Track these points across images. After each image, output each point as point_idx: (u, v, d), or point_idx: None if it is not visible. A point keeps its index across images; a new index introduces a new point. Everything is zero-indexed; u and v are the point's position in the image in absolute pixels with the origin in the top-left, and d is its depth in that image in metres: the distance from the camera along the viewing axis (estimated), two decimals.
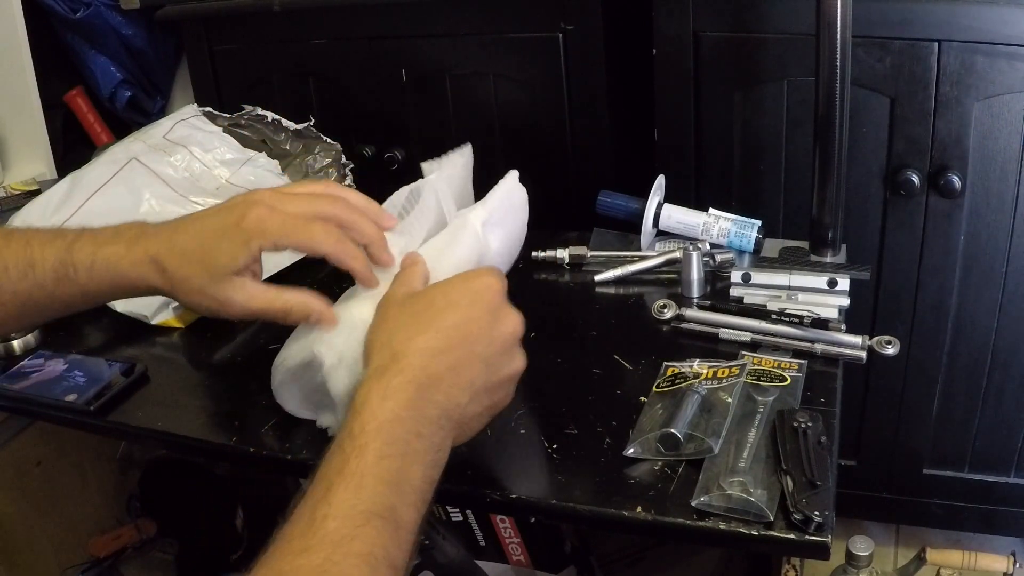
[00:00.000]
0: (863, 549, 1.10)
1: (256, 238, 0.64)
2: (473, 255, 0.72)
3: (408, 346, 0.56)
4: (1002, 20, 1.04)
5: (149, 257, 0.67)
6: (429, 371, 0.55)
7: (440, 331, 0.57)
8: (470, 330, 0.58)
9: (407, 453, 0.52)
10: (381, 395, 0.54)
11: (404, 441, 0.53)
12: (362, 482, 0.50)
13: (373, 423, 0.52)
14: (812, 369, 0.79)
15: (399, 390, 0.54)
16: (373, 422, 0.52)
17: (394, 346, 0.56)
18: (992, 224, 1.16)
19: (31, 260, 0.67)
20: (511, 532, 1.17)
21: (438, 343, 0.57)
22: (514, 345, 0.61)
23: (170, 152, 1.15)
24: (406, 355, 0.56)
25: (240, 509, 1.40)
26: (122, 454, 1.36)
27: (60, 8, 1.54)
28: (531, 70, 1.30)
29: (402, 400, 0.54)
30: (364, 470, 0.50)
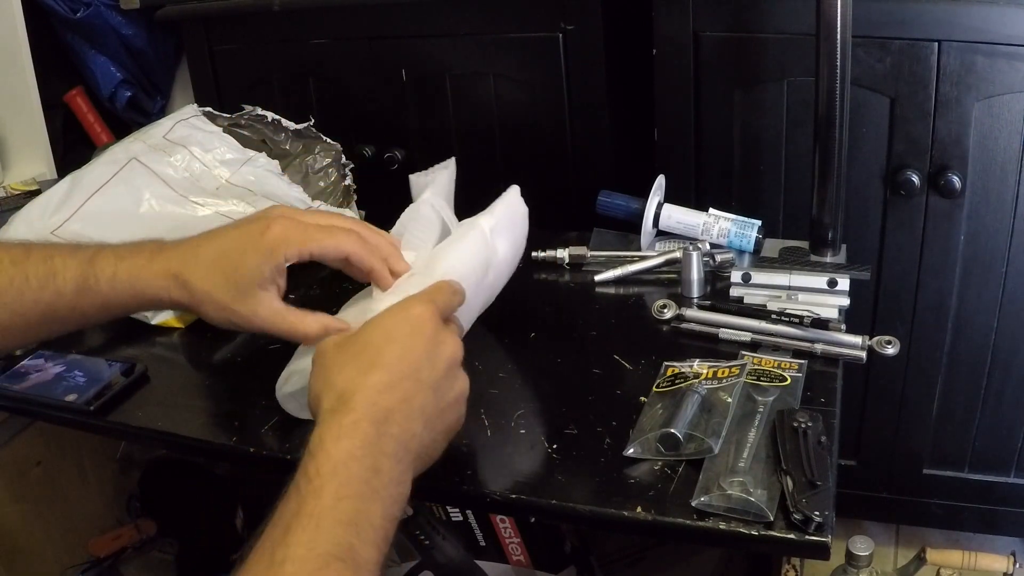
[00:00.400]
0: (863, 549, 1.10)
1: (280, 247, 0.65)
2: (481, 258, 0.72)
3: (355, 384, 0.56)
4: (1002, 20, 1.04)
5: (171, 271, 0.67)
6: (380, 406, 0.55)
7: (385, 366, 0.57)
8: (413, 359, 0.58)
9: (365, 492, 0.52)
10: (335, 435, 0.53)
11: (362, 480, 0.52)
12: (320, 524, 0.49)
13: (328, 464, 0.52)
14: (812, 369, 0.79)
15: (352, 428, 0.54)
16: (328, 463, 0.52)
17: (340, 387, 0.56)
18: (992, 224, 1.16)
19: (53, 270, 0.67)
20: (511, 532, 1.17)
21: (385, 377, 0.56)
22: (456, 366, 0.62)
23: (170, 152, 1.15)
24: (355, 393, 0.55)
25: (240, 509, 1.40)
26: (122, 454, 1.36)
27: (60, 8, 1.53)
28: (531, 70, 1.30)
29: (357, 438, 0.53)
30: (321, 512, 0.50)
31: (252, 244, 0.66)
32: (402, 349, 0.58)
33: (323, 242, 0.66)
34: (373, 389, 0.56)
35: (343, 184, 1.28)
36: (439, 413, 0.60)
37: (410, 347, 0.58)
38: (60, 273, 0.67)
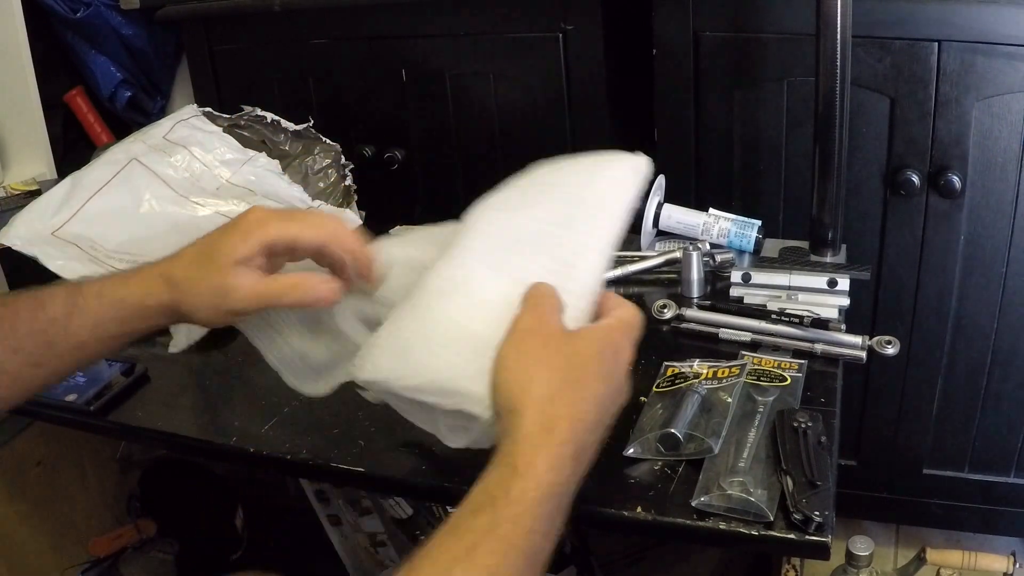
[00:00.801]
0: (863, 549, 1.10)
1: (255, 231, 0.65)
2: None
3: (568, 411, 0.54)
4: (1002, 20, 1.04)
5: (155, 273, 0.67)
6: (583, 445, 0.54)
7: (595, 403, 0.56)
8: (608, 403, 0.57)
9: (550, 530, 0.51)
10: (548, 464, 0.51)
11: (551, 517, 0.51)
12: (508, 553, 0.48)
13: (534, 493, 0.50)
14: (812, 369, 0.79)
15: (564, 464, 0.52)
16: (534, 491, 0.50)
17: (556, 407, 0.54)
18: (992, 224, 1.16)
19: (41, 302, 0.67)
20: None
21: (593, 416, 0.55)
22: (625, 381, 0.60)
23: (170, 152, 1.15)
24: (567, 422, 0.54)
25: (240, 509, 1.40)
26: (122, 454, 1.36)
27: (60, 8, 1.53)
28: (531, 70, 1.30)
29: (564, 475, 0.52)
30: (514, 541, 0.49)
31: (229, 229, 0.66)
32: (606, 392, 0.57)
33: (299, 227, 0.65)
34: (581, 426, 0.54)
35: (343, 184, 1.28)
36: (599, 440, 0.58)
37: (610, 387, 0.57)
38: (48, 302, 0.67)
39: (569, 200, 0.66)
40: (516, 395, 0.55)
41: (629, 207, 0.66)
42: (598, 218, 0.65)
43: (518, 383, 0.55)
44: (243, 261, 0.64)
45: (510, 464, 0.51)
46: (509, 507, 0.49)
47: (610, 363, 0.58)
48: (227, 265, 0.64)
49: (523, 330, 0.58)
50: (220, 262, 0.64)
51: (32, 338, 0.66)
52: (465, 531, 0.49)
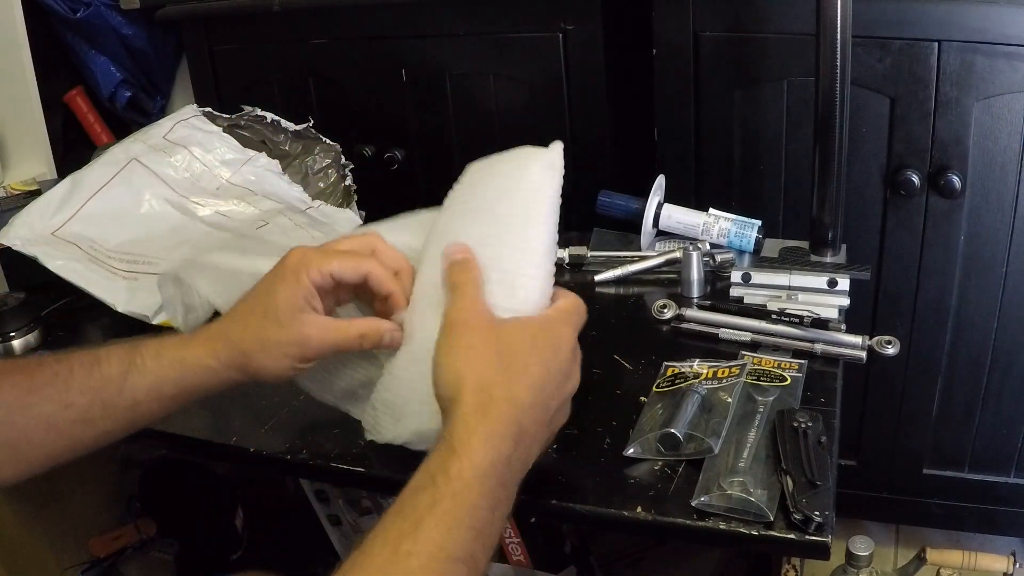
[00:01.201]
0: (863, 549, 1.10)
1: (302, 270, 0.64)
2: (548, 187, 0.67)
3: (506, 392, 0.56)
4: (1002, 20, 1.04)
5: (213, 335, 0.66)
6: (522, 425, 0.56)
7: (530, 387, 0.57)
8: (548, 387, 0.59)
9: (492, 505, 0.53)
10: (482, 441, 0.54)
11: (494, 492, 0.53)
12: (452, 527, 0.50)
13: (471, 470, 0.52)
14: (812, 369, 0.79)
15: (500, 441, 0.54)
16: (472, 469, 0.52)
17: (490, 390, 0.56)
18: (992, 224, 1.16)
19: (97, 358, 0.66)
20: (511, 532, 1.17)
21: (528, 398, 0.57)
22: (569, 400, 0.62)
23: (170, 152, 1.15)
24: (502, 404, 0.56)
25: (240, 509, 1.40)
26: (122, 454, 1.36)
27: (60, 8, 1.54)
28: (531, 70, 1.30)
29: (502, 452, 0.54)
30: (458, 516, 0.50)
31: (276, 278, 0.66)
32: (544, 373, 0.58)
33: (343, 262, 0.66)
34: (519, 406, 0.56)
35: (343, 184, 1.28)
36: (545, 440, 0.61)
37: (550, 372, 0.59)
38: (104, 360, 0.66)
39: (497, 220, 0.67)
40: (452, 384, 0.57)
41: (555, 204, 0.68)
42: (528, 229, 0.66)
43: (454, 373, 0.57)
44: (304, 308, 0.64)
45: (448, 445, 0.53)
46: (449, 484, 0.51)
47: (546, 349, 0.59)
48: (290, 316, 0.64)
49: (453, 323, 0.60)
50: (283, 316, 0.64)
51: (85, 395, 0.65)
52: (410, 510, 0.51)
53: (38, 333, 0.98)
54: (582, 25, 1.25)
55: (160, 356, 0.66)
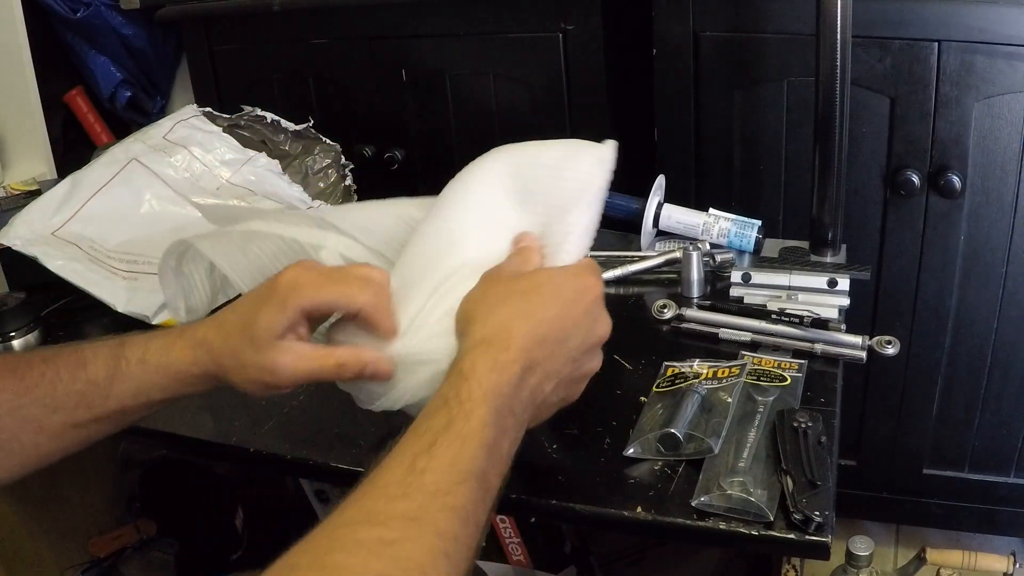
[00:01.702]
0: (863, 549, 1.10)
1: (292, 296, 0.63)
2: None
3: (514, 326, 0.58)
4: (1002, 20, 1.04)
5: (197, 340, 0.65)
6: (531, 355, 0.58)
7: (543, 321, 0.59)
8: (567, 325, 0.60)
9: (501, 427, 0.55)
10: (489, 367, 0.56)
11: (502, 415, 0.55)
12: (465, 444, 0.52)
13: (480, 391, 0.55)
14: (812, 369, 0.79)
15: (506, 367, 0.56)
16: (480, 391, 0.55)
17: (500, 322, 0.59)
18: (992, 224, 1.16)
19: (83, 360, 0.66)
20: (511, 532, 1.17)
21: (541, 331, 0.59)
22: (598, 346, 0.64)
23: (170, 153, 1.15)
24: (512, 335, 0.58)
25: (240, 509, 1.40)
26: (122, 454, 1.36)
27: (60, 8, 1.54)
28: (531, 70, 1.30)
29: (507, 377, 0.56)
30: (468, 433, 0.53)
31: (265, 297, 0.64)
32: (563, 312, 0.60)
33: (336, 290, 0.64)
34: (529, 338, 0.58)
35: (343, 185, 1.28)
36: (567, 382, 0.62)
37: (569, 312, 0.61)
38: (91, 361, 0.66)
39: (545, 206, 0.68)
40: (468, 319, 0.60)
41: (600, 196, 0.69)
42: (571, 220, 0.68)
43: (471, 310, 0.61)
44: (283, 335, 0.63)
45: (459, 371, 0.56)
46: (460, 406, 0.54)
47: (566, 290, 0.62)
48: (267, 341, 0.62)
49: (485, 278, 0.63)
50: (260, 339, 0.62)
51: (72, 399, 0.65)
52: (424, 431, 0.53)
53: (38, 333, 0.98)
54: (582, 25, 1.25)
55: (144, 363, 0.65)
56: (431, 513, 0.49)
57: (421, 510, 0.48)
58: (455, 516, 0.49)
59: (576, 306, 0.61)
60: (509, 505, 0.68)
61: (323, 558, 0.46)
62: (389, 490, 0.49)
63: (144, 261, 1.04)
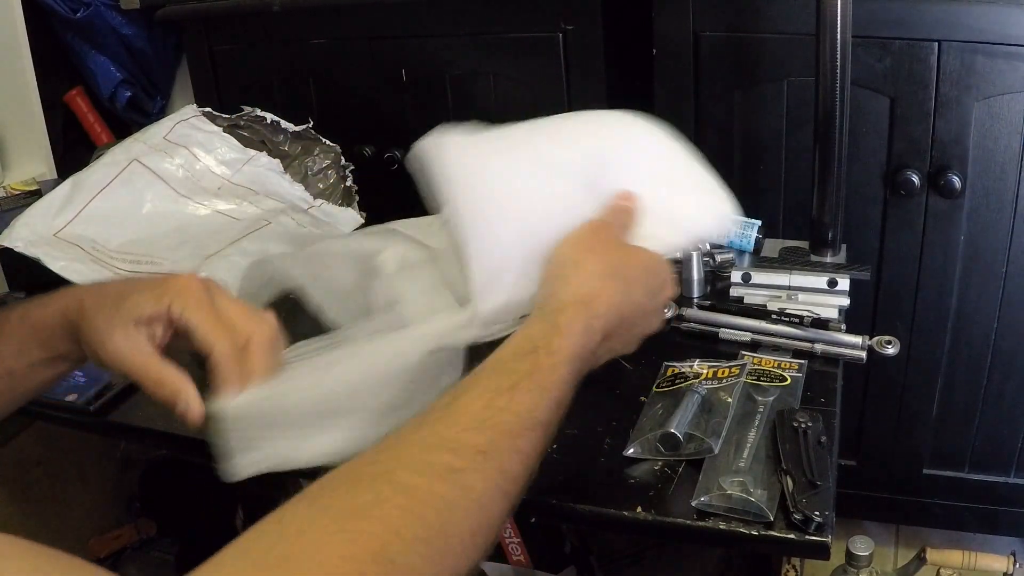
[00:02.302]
0: (863, 549, 1.10)
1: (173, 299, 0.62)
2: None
3: (611, 298, 0.61)
4: (1002, 20, 1.04)
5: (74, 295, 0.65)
6: (612, 328, 0.62)
7: (630, 302, 0.63)
8: (638, 313, 0.65)
9: (573, 385, 0.58)
10: (582, 328, 0.59)
11: (576, 375, 0.58)
12: (543, 395, 0.55)
13: (568, 349, 0.57)
14: (812, 369, 0.79)
15: (594, 334, 0.60)
16: (569, 348, 0.57)
17: (600, 288, 0.62)
18: (992, 224, 1.16)
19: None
20: (511, 532, 1.17)
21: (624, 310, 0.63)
22: (661, 311, 0.69)
23: (171, 153, 1.15)
24: (607, 305, 0.61)
25: (240, 509, 1.40)
26: (122, 454, 1.36)
27: (60, 8, 1.53)
28: (531, 70, 1.30)
29: (593, 342, 0.60)
30: (548, 387, 0.55)
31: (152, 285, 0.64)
32: (645, 300, 0.65)
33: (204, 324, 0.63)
34: (617, 312, 0.62)
35: (343, 185, 1.28)
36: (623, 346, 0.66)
37: (648, 282, 0.65)
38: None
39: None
40: (566, 267, 0.63)
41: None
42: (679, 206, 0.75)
43: (570, 259, 0.64)
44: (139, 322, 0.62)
45: (553, 322, 0.59)
46: (549, 357, 0.56)
47: (653, 281, 0.66)
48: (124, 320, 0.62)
49: (588, 227, 0.67)
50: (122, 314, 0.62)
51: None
52: (509, 371, 0.55)
53: None
54: (582, 25, 1.25)
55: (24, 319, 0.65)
56: (500, 451, 0.51)
57: (491, 446, 0.50)
58: (519, 459, 0.52)
59: (655, 276, 0.66)
60: None
61: (392, 472, 0.47)
62: (463, 420, 0.51)
63: (147, 261, 1.04)
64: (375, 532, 0.44)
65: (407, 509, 0.45)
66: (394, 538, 0.44)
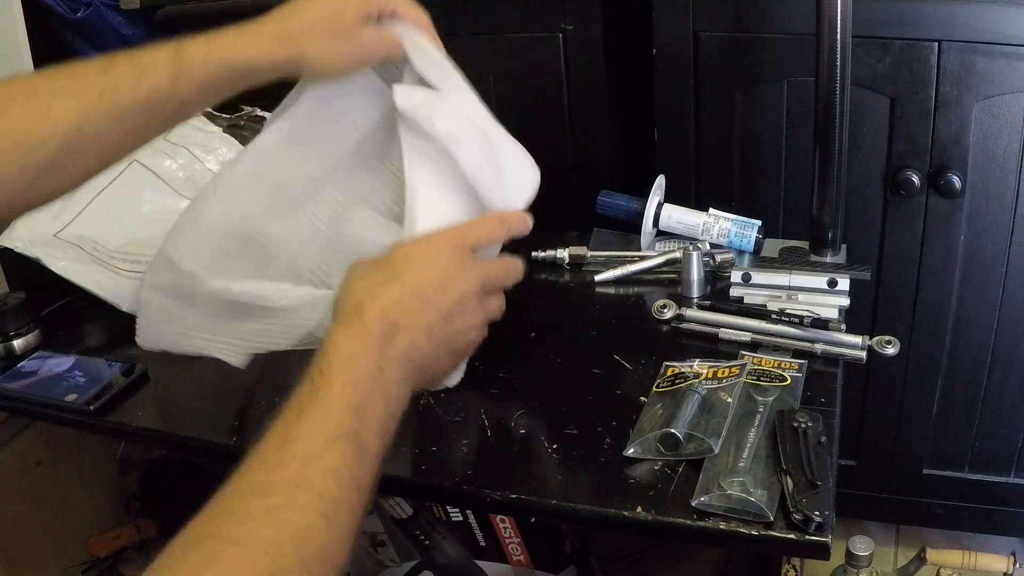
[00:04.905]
0: (863, 549, 1.10)
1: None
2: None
3: (370, 295, 0.62)
4: (1002, 20, 1.04)
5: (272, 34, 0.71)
6: (389, 316, 0.61)
7: (399, 283, 0.63)
8: (425, 282, 0.63)
9: (370, 387, 0.58)
10: (345, 336, 0.59)
11: (368, 375, 0.58)
12: (329, 409, 0.55)
13: (338, 359, 0.58)
14: (812, 369, 0.79)
15: (361, 332, 0.60)
16: (338, 358, 0.58)
17: (357, 297, 0.62)
18: (992, 224, 1.16)
19: (142, 67, 0.67)
20: (511, 532, 1.17)
21: (396, 292, 0.62)
22: (471, 297, 0.66)
23: (171, 153, 1.15)
24: (367, 303, 0.61)
25: None
26: (122, 454, 1.36)
27: (60, 8, 1.53)
28: (531, 70, 1.30)
29: (363, 340, 0.59)
30: (331, 399, 0.55)
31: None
32: (417, 271, 0.64)
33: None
34: (385, 300, 0.61)
35: None
36: (446, 336, 0.65)
37: (424, 270, 0.64)
38: (150, 70, 0.68)
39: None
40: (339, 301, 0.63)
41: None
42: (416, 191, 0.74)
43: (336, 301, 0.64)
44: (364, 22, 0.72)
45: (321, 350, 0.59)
46: (321, 376, 0.57)
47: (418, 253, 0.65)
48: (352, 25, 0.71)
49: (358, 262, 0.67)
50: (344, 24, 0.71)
51: (134, 109, 0.67)
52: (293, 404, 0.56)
53: (38, 333, 0.98)
54: (582, 25, 1.25)
55: (207, 61, 0.69)
56: (308, 477, 0.51)
57: (297, 475, 0.51)
58: (331, 477, 0.52)
59: (431, 263, 0.64)
60: (509, 505, 0.68)
61: (219, 529, 0.48)
62: (267, 462, 0.52)
63: (148, 261, 1.04)
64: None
65: (238, 559, 0.46)
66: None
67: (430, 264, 0.64)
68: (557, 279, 1.02)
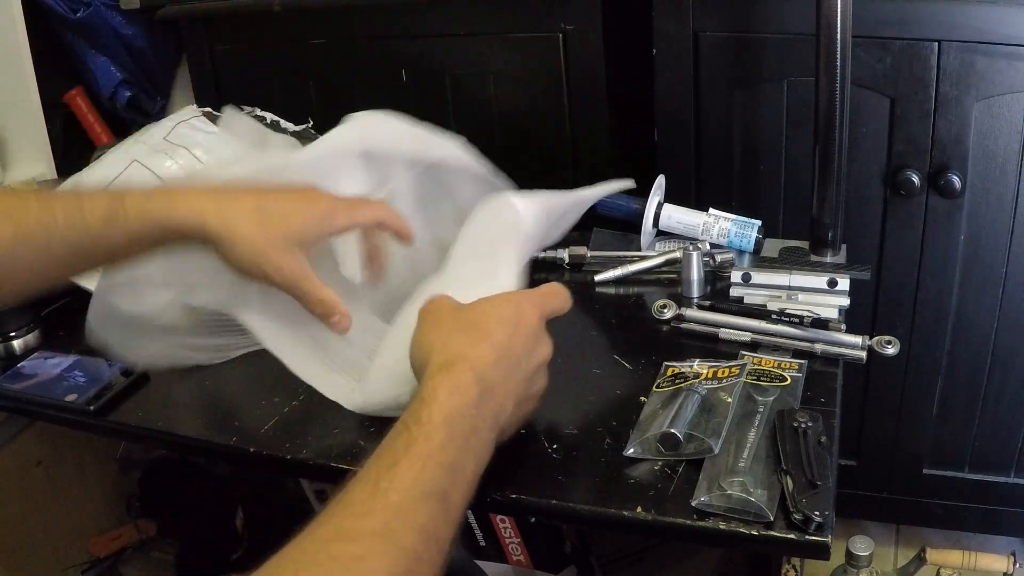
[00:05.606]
0: (863, 549, 1.10)
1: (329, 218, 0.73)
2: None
3: (469, 352, 0.62)
4: (1002, 20, 1.04)
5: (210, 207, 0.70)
6: (488, 378, 0.61)
7: (494, 345, 0.63)
8: (515, 349, 0.65)
9: (464, 446, 0.58)
10: (449, 390, 0.59)
11: (463, 435, 0.58)
12: (425, 464, 0.55)
13: (440, 414, 0.57)
14: (812, 369, 0.79)
15: (466, 389, 0.60)
16: (440, 413, 0.57)
17: (455, 349, 0.62)
18: (992, 224, 1.16)
19: (80, 208, 0.68)
20: (511, 532, 1.17)
21: (493, 355, 0.63)
22: (544, 366, 0.69)
23: (171, 153, 1.15)
24: (468, 359, 0.61)
25: (240, 509, 1.40)
26: (122, 454, 1.36)
27: (60, 8, 1.53)
28: (531, 70, 1.30)
29: (468, 398, 0.59)
30: (428, 454, 0.55)
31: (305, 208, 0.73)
32: (509, 336, 0.65)
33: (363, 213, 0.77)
34: (483, 361, 0.62)
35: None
36: (522, 400, 0.66)
37: (515, 335, 0.65)
38: (89, 210, 0.68)
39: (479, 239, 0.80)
40: (425, 352, 0.64)
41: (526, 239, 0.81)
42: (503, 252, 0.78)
43: (425, 345, 0.65)
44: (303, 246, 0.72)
45: (419, 398, 0.59)
46: (420, 428, 0.57)
47: (509, 315, 0.66)
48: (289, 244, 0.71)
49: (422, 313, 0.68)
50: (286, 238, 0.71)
51: (66, 247, 0.68)
52: (387, 453, 0.56)
53: (38, 333, 0.98)
54: (582, 25, 1.25)
55: (144, 216, 0.69)
56: (395, 530, 0.51)
57: (386, 527, 0.51)
58: (418, 533, 0.52)
59: (520, 330, 0.65)
60: (509, 505, 0.68)
61: (299, 573, 0.47)
62: (355, 508, 0.52)
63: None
64: None
65: None
66: None
67: (520, 330, 0.66)
68: (557, 278, 1.02)
